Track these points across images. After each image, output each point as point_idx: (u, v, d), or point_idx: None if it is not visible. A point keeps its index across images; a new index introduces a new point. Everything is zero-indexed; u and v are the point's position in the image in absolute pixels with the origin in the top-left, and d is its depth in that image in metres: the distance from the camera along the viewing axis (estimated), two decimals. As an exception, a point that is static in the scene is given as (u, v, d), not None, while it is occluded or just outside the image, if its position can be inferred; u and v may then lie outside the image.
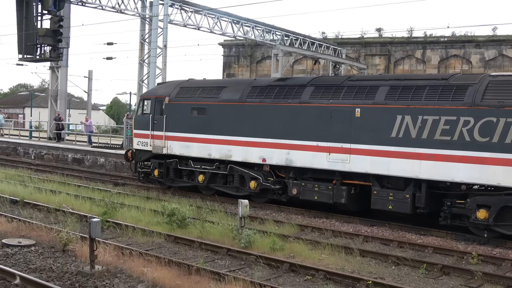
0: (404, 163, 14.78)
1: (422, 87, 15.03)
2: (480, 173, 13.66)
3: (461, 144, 13.91)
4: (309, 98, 16.81)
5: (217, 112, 18.90)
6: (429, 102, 14.57)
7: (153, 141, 20.61)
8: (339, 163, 16.00)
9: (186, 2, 35.24)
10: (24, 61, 32.33)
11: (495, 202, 13.57)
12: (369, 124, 15.51)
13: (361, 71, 45.57)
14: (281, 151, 17.21)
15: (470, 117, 13.83)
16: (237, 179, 18.68)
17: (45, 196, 17.94)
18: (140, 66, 35.08)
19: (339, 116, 16.06)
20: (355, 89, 16.16)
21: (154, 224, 14.32)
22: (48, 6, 28.59)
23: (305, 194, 16.87)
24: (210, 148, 19.02)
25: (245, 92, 18.44)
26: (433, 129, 14.38)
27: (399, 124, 14.92)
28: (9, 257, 11.12)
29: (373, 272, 11.12)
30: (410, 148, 14.72)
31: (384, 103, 15.28)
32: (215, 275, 10.05)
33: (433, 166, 14.33)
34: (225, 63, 55.85)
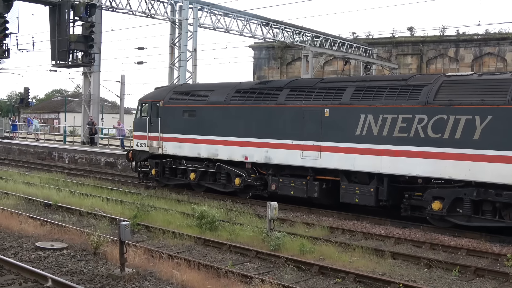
0: (368, 159, 15.75)
1: (384, 87, 15.98)
2: (434, 167, 14.56)
3: (416, 140, 14.82)
4: (285, 99, 17.91)
5: (205, 114, 20.18)
6: (388, 102, 15.52)
7: (150, 142, 21.95)
8: (311, 160, 17.04)
9: (215, 5, 35.44)
10: (57, 67, 33.02)
11: (448, 194, 14.50)
12: (337, 123, 16.56)
13: (392, 71, 45.13)
14: (261, 149, 18.38)
15: (424, 115, 14.73)
16: (224, 176, 19.91)
17: (78, 200, 18.21)
18: (171, 70, 35.40)
19: (310, 116, 17.12)
20: (325, 91, 17.20)
21: (184, 226, 14.39)
22: (79, 12, 29.15)
23: (282, 189, 17.98)
24: (200, 148, 20.25)
25: (229, 95, 19.62)
26: (392, 126, 15.31)
27: (363, 122, 15.88)
28: (42, 260, 11.30)
29: (404, 275, 10.95)
30: (372, 145, 15.68)
31: (350, 103, 16.31)
32: (244, 277, 10.02)
33: (392, 161, 15.29)
34: (255, 66, 55.94)
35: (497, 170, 13.52)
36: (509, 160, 13.35)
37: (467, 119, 14.04)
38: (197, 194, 20.39)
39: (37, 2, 30.23)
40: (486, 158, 13.70)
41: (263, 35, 38.94)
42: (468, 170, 14.01)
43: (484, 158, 13.73)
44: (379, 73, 45.95)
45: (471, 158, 13.95)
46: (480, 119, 13.84)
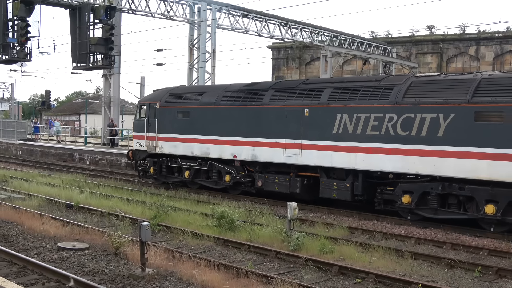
0: (344, 156, 16.65)
1: (358, 88, 16.85)
2: (403, 163, 15.40)
3: (387, 138, 15.68)
4: (269, 100, 18.84)
5: (197, 115, 21.18)
6: (362, 102, 16.37)
7: (148, 142, 23.04)
8: (293, 157, 17.99)
9: (233, 6, 35.52)
10: (78, 69, 33.44)
11: (416, 189, 15.32)
12: (316, 122, 17.44)
13: (412, 70, 44.82)
14: (248, 148, 19.36)
15: (394, 114, 15.56)
16: (215, 174, 20.89)
17: (99, 201, 18.39)
18: (190, 71, 35.57)
19: (292, 116, 18.04)
20: (306, 92, 18.08)
21: (204, 227, 14.45)
22: (99, 15, 29.47)
23: (268, 185, 18.93)
24: (193, 147, 21.28)
25: (219, 96, 20.60)
26: (365, 125, 16.17)
27: (339, 121, 16.77)
28: (64, 260, 11.44)
29: (425, 275, 10.87)
30: (348, 142, 16.58)
31: (327, 103, 17.19)
32: (264, 278, 10.04)
33: (366, 158, 16.16)
34: (274, 66, 55.95)
35: (459, 165, 14.31)
36: (470, 156, 14.15)
37: (432, 117, 14.82)
38: (217, 194, 20.47)
39: (58, 5, 30.63)
40: (449, 154, 14.50)
41: (281, 36, 38.93)
42: (433, 165, 14.78)
43: (447, 154, 14.53)
44: (399, 72, 45.67)
45: (436, 154, 14.75)
46: (444, 117, 14.62)
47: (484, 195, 14.11)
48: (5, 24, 27.17)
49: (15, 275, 10.20)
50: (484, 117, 14.05)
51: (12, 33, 27.34)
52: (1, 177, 25.38)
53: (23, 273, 10.44)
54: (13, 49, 27.67)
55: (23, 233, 13.98)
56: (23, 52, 27.70)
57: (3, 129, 48.33)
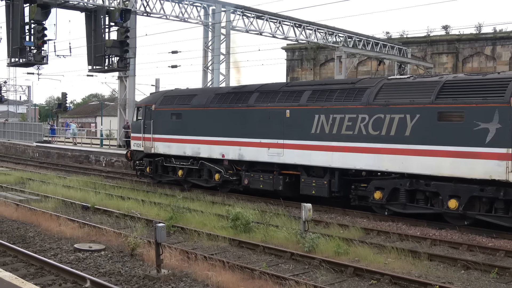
0: (322, 155, 17.56)
1: (334, 90, 17.82)
2: (374, 161, 16.30)
3: (360, 137, 16.59)
4: (254, 102, 19.81)
5: (189, 116, 22.22)
6: (337, 103, 17.32)
7: (144, 142, 24.09)
8: (275, 156, 18.94)
9: (248, 8, 35.58)
10: (93, 72, 33.67)
11: (387, 185, 16.23)
12: (296, 122, 18.34)
13: (427, 70, 44.53)
14: (235, 147, 20.31)
15: (366, 115, 16.46)
16: (206, 172, 21.87)
17: (114, 202, 18.52)
18: (204, 73, 35.67)
19: (275, 117, 18.97)
20: (287, 94, 19.02)
21: (219, 228, 14.49)
22: (115, 18, 29.67)
23: (253, 183, 19.89)
24: (185, 147, 22.25)
25: (209, 99, 21.64)
26: (340, 125, 17.10)
27: (317, 122, 17.69)
28: (80, 261, 11.54)
29: (441, 277, 10.82)
30: (325, 142, 17.49)
31: (306, 105, 18.09)
32: (278, 279, 10.05)
33: (341, 156, 17.09)
34: (288, 67, 55.92)
35: (425, 163, 15.19)
36: (434, 154, 15.02)
37: (400, 117, 15.73)
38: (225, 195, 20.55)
39: (74, 9, 30.89)
40: (415, 152, 15.40)
41: (295, 37, 38.92)
42: (402, 163, 15.70)
43: (414, 152, 15.43)
44: (414, 73, 45.41)
45: (404, 153, 15.65)
46: (410, 117, 15.50)
47: (447, 190, 14.96)
48: (22, 28, 27.44)
49: (33, 276, 10.31)
50: (446, 117, 14.90)
51: (29, 36, 27.60)
52: (19, 179, 25.65)
53: (40, 274, 10.56)
54: (30, 52, 27.92)
55: (40, 234, 14.12)
56: (40, 55, 27.95)
57: (20, 132, 48.85)
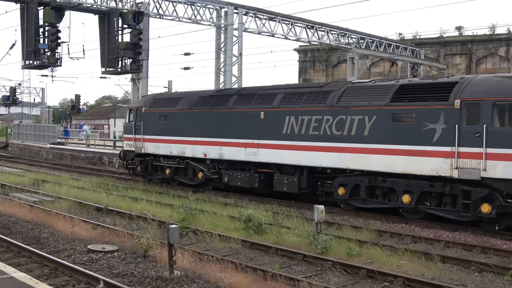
0: (292, 154, 18.75)
1: (303, 93, 18.97)
2: (338, 160, 17.50)
3: (325, 137, 17.79)
4: (233, 105, 21.05)
5: (175, 118, 23.51)
6: (306, 105, 18.48)
7: (135, 143, 25.52)
8: (252, 155, 20.15)
9: (260, 9, 35.60)
10: (107, 74, 33.84)
11: (349, 182, 17.41)
12: (269, 124, 19.59)
13: (441, 71, 44.31)
14: (216, 147, 21.57)
15: (330, 116, 17.67)
16: (191, 171, 23.00)
17: (127, 203, 18.61)
18: (217, 74, 35.73)
19: (251, 118, 20.17)
20: (262, 97, 20.25)
21: (231, 230, 14.50)
22: (128, 20, 29.84)
23: (232, 181, 21.05)
24: (172, 147, 23.54)
25: (193, 102, 22.92)
26: (308, 126, 18.28)
27: (287, 123, 18.90)
28: (94, 262, 11.61)
29: (454, 279, 10.75)
30: (294, 142, 18.69)
31: (278, 107, 19.33)
32: (291, 280, 10.04)
33: (309, 155, 18.26)
34: (300, 69, 55.92)
35: (381, 161, 16.37)
36: (389, 152, 16.21)
37: (359, 118, 16.94)
38: (244, 197, 20.60)
39: (87, 11, 31.08)
40: (373, 151, 16.58)
41: (308, 38, 38.88)
42: (361, 161, 16.87)
43: (371, 151, 16.61)
44: (427, 74, 45.17)
45: (363, 151, 16.82)
46: (368, 118, 16.70)
47: (401, 186, 16.10)
48: (37, 30, 27.67)
49: (47, 277, 10.39)
50: (399, 118, 16.12)
51: (43, 39, 27.83)
52: (33, 180, 25.85)
53: (54, 274, 10.63)
54: (44, 55, 28.16)
55: (54, 235, 14.22)
56: (54, 58, 28.17)
57: (34, 133, 49.23)
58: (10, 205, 18.29)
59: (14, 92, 59.49)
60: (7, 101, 59.51)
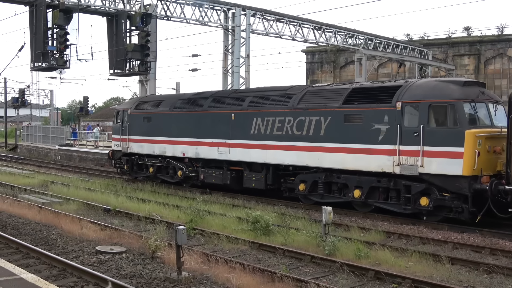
0: (259, 153, 20.12)
1: (269, 96, 20.42)
2: (298, 158, 18.90)
3: (287, 137, 19.18)
4: (208, 107, 22.52)
5: (157, 120, 25.00)
6: (271, 107, 19.93)
7: (122, 143, 26.98)
8: (224, 154, 21.56)
9: (267, 11, 35.62)
10: (115, 75, 34.02)
11: (308, 178, 18.76)
12: (239, 124, 20.95)
13: (449, 72, 44.18)
14: (193, 147, 22.97)
15: (291, 117, 19.07)
16: (171, 169, 24.48)
17: (135, 205, 18.65)
18: (224, 76, 35.77)
19: (223, 120, 21.61)
20: (233, 100, 21.68)
21: (239, 231, 14.50)
22: (136, 22, 29.97)
23: (207, 178, 22.43)
24: (154, 147, 25.03)
25: (173, 104, 24.42)
26: (272, 126, 19.67)
27: (255, 124, 20.27)
28: (102, 264, 11.65)
29: (463, 281, 10.70)
30: (261, 141, 20.07)
31: (247, 109, 20.75)
32: (299, 282, 10.03)
33: (273, 154, 19.64)
34: (308, 70, 55.88)
35: (334, 158, 17.79)
36: (341, 150, 17.62)
37: (316, 119, 18.31)
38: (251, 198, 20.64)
39: (96, 13, 31.23)
40: (328, 149, 17.98)
41: (315, 39, 38.87)
42: (318, 159, 18.27)
43: (327, 149, 18.00)
44: (435, 75, 45.04)
45: (319, 150, 18.21)
46: (324, 119, 18.11)
47: (353, 182, 17.49)
48: (45, 33, 27.84)
49: (55, 278, 10.43)
50: (350, 119, 17.50)
51: (52, 41, 28.00)
52: (41, 181, 25.98)
53: (63, 275, 10.67)
54: (53, 57, 28.33)
55: (62, 237, 14.28)
56: (62, 60, 28.33)
57: (43, 135, 49.45)
58: (19, 207, 18.39)
59: (23, 94, 59.78)
60: (16, 103, 59.80)
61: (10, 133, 61.53)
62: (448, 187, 15.27)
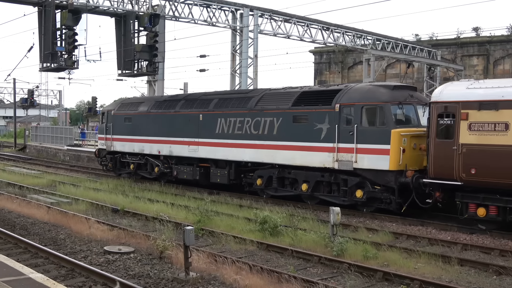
0: (223, 150, 21.92)
1: (232, 99, 22.35)
2: (255, 155, 20.68)
3: (246, 136, 20.96)
4: (180, 108, 24.39)
5: (136, 120, 26.84)
6: (232, 109, 21.76)
7: (106, 142, 28.78)
8: (193, 152, 23.35)
9: (275, 11, 35.59)
10: (123, 76, 34.11)
11: (264, 174, 20.58)
12: (206, 125, 22.77)
13: (458, 72, 43.98)
14: (167, 145, 24.78)
15: (249, 118, 20.86)
16: (149, 166, 26.37)
17: (143, 205, 18.69)
18: (232, 76, 35.75)
19: (193, 120, 23.41)
20: (202, 102, 23.57)
21: (247, 232, 14.49)
22: (144, 23, 30.04)
23: (180, 174, 24.21)
24: (134, 146, 26.83)
25: (150, 106, 26.34)
26: (234, 126, 21.44)
27: (219, 124, 22.08)
28: (110, 264, 11.67)
29: (472, 282, 10.64)
30: (225, 140, 21.85)
31: (213, 110, 22.65)
32: (307, 283, 10.01)
33: (235, 151, 21.39)
34: (316, 70, 55.77)
35: (285, 155, 19.54)
36: (290, 148, 19.37)
37: (270, 120, 20.12)
38: (259, 199, 20.65)
39: (104, 14, 31.32)
40: (280, 147, 19.74)
41: (323, 40, 38.80)
42: (271, 156, 20.03)
43: (279, 147, 19.76)
44: (444, 75, 44.85)
45: (272, 148, 19.95)
46: (276, 120, 19.91)
47: (301, 177, 19.30)
48: (54, 33, 27.95)
49: (63, 278, 10.46)
50: (298, 119, 19.32)
51: (60, 41, 28.11)
52: (50, 182, 26.08)
53: (71, 275, 10.70)
54: (61, 57, 28.43)
55: (70, 237, 14.33)
56: (71, 60, 28.44)
57: (51, 135, 49.66)
58: (28, 206, 18.47)
59: (32, 94, 60.08)
60: (25, 103, 60.11)
61: (19, 133, 61.77)
62: (378, 181, 17.05)
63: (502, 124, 14.12)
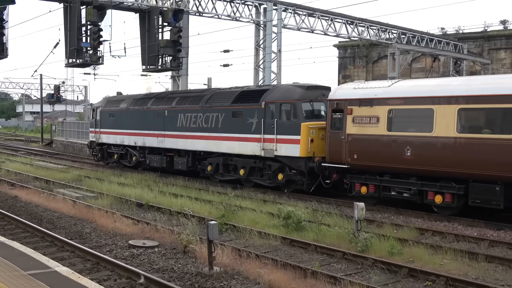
0: (183, 141, 25.60)
1: (189, 97, 26.10)
2: (206, 145, 24.25)
3: (199, 129, 24.58)
4: (150, 105, 28.24)
5: (118, 116, 30.67)
6: (189, 106, 25.42)
7: (95, 135, 32.71)
8: (161, 143, 27.06)
9: (299, 6, 35.39)
10: (147, 71, 34.29)
11: (213, 161, 24.04)
12: (170, 119, 26.33)
13: (484, 66, 43.29)
14: (141, 137, 28.54)
15: (201, 113, 24.47)
16: (129, 156, 30.16)
17: (168, 200, 18.77)
18: (256, 71, 35.68)
19: (160, 115, 27.13)
20: (167, 99, 27.31)
21: (270, 227, 14.47)
22: (168, 18, 30.13)
23: (151, 162, 28.00)
24: (116, 138, 30.67)
25: (129, 103, 30.13)
26: (190, 120, 25.03)
27: (180, 119, 25.69)
28: (135, 258, 11.76)
29: (499, 279, 10.46)
30: (184, 132, 25.47)
31: (175, 107, 26.34)
32: (331, 278, 9.95)
33: (191, 142, 25.08)
34: (340, 65, 55.39)
35: (227, 145, 23.04)
36: (231, 139, 22.79)
37: (216, 115, 23.64)
38: (282, 194, 20.62)
39: (128, 10, 31.49)
40: (223, 138, 23.24)
41: (348, 34, 38.49)
42: (217, 146, 23.61)
43: (222, 138, 23.28)
44: (470, 69, 44.20)
45: (218, 139, 23.53)
46: (221, 115, 23.37)
47: (240, 163, 22.71)
48: (79, 29, 28.15)
49: (89, 271, 10.57)
50: (236, 115, 22.69)
51: (86, 37, 28.29)
52: (76, 176, 26.39)
53: (96, 269, 10.81)
54: (87, 53, 28.61)
55: (96, 231, 14.47)
56: (96, 56, 28.62)
57: (77, 130, 50.19)
58: (54, 201, 18.71)
59: (58, 90, 60.72)
60: (51, 99, 60.79)
61: (46, 128, 62.56)
62: (293, 166, 20.47)
63: (375, 117, 17.64)
